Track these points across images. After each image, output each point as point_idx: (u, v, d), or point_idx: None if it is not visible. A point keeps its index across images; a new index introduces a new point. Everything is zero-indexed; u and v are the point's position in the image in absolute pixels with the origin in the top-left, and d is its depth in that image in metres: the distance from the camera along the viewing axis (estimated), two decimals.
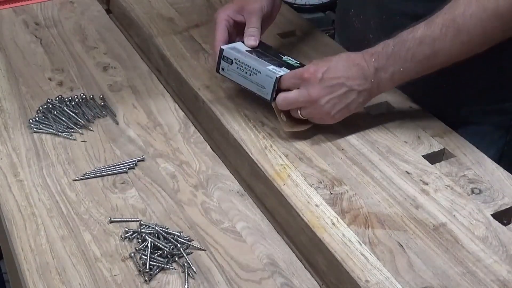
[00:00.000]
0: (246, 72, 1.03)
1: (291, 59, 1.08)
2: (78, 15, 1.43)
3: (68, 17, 1.42)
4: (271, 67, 1.02)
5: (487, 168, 0.96)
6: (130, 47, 1.33)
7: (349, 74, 0.95)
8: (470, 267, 0.80)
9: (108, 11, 1.48)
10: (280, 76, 1.00)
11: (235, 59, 1.04)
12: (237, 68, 1.04)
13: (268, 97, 1.01)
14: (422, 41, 0.91)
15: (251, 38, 1.07)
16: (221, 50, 1.05)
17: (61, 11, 1.44)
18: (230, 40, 1.07)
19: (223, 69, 1.06)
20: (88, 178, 0.98)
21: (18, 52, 1.30)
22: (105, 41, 1.34)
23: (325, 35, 1.32)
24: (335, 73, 0.95)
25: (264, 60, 1.04)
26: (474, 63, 1.05)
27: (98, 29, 1.38)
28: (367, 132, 1.03)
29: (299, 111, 0.98)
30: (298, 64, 1.06)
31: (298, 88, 0.97)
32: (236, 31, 1.09)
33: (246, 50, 1.06)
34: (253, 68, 1.02)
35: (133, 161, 1.01)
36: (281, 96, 0.98)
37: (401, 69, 0.93)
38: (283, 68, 1.02)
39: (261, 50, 1.08)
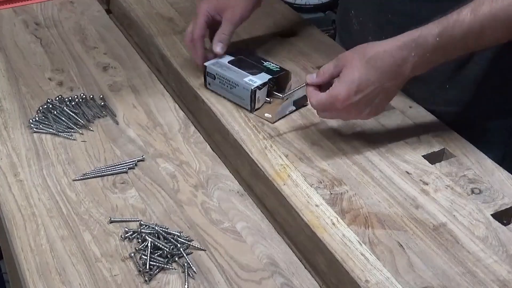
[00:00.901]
0: (227, 86, 1.08)
1: (272, 64, 1.11)
2: (78, 15, 1.43)
3: (68, 17, 1.42)
4: (248, 78, 1.06)
5: (487, 168, 0.96)
6: (130, 47, 1.33)
7: (383, 78, 0.89)
8: (470, 267, 0.80)
9: (108, 11, 1.48)
10: (256, 89, 1.04)
11: (216, 74, 1.09)
12: (220, 82, 1.09)
13: (249, 108, 1.06)
14: (468, 34, 0.85)
15: (219, 45, 1.09)
16: (205, 67, 1.10)
17: (61, 11, 1.44)
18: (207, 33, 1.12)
19: (209, 84, 1.11)
20: (88, 178, 0.98)
21: (18, 52, 1.30)
22: (105, 41, 1.34)
23: (325, 35, 1.32)
24: (367, 87, 0.89)
25: (244, 70, 1.08)
26: (478, 66, 1.04)
27: (98, 29, 1.38)
28: (367, 132, 1.03)
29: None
30: (278, 69, 1.10)
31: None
32: (213, 28, 1.11)
33: (229, 61, 1.11)
34: (232, 82, 1.07)
35: (133, 161, 1.01)
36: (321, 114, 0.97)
37: (442, 60, 0.89)
38: (262, 73, 1.07)
39: (244, 57, 1.12)
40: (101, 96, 1.15)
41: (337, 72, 0.92)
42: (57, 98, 1.13)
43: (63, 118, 1.09)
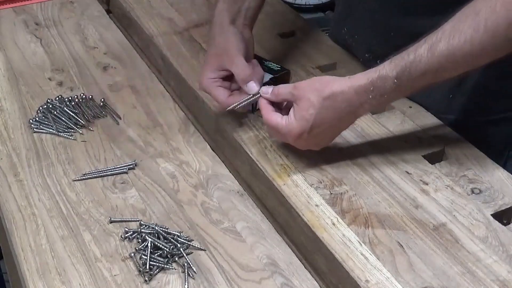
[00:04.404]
0: None
1: (273, 64, 1.11)
2: (78, 15, 1.43)
3: (68, 17, 1.42)
4: None
5: (487, 168, 0.96)
6: (130, 47, 1.33)
7: (337, 119, 0.89)
8: (470, 267, 0.80)
9: (108, 11, 1.48)
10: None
11: None
12: None
13: (250, 108, 1.05)
14: (426, 72, 0.83)
15: (251, 84, 0.97)
16: None
17: (61, 11, 1.44)
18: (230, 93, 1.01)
19: None
20: (88, 178, 0.98)
21: (18, 52, 1.30)
22: (105, 41, 1.34)
23: (325, 35, 1.32)
24: (321, 125, 0.89)
25: None
26: (481, 74, 1.04)
27: (98, 29, 1.38)
28: (367, 132, 1.03)
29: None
30: (278, 68, 1.10)
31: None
32: (230, 81, 1.01)
33: None
34: None
35: (127, 165, 1.00)
36: (267, 120, 0.93)
37: (400, 98, 0.89)
38: (263, 73, 1.05)
39: None
40: (102, 99, 1.14)
41: (291, 99, 0.91)
42: (57, 98, 1.13)
43: (63, 118, 1.09)
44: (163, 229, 0.88)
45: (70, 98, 1.13)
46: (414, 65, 0.83)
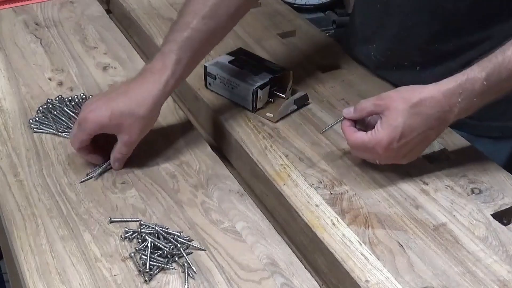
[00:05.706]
0: (228, 86, 1.08)
1: (273, 64, 1.12)
2: (78, 15, 1.43)
3: (68, 17, 1.42)
4: (249, 78, 1.07)
5: (487, 168, 0.96)
6: (130, 47, 1.33)
7: (427, 126, 0.87)
8: (470, 267, 0.80)
9: (108, 11, 1.48)
10: (257, 89, 1.04)
11: (217, 74, 1.09)
12: (221, 82, 1.09)
13: (250, 108, 1.07)
14: None
15: (117, 162, 0.98)
16: (205, 67, 1.11)
17: (61, 11, 1.44)
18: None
19: (209, 84, 1.12)
20: (92, 178, 0.98)
21: (18, 52, 1.30)
22: (105, 41, 1.34)
23: (325, 35, 1.32)
24: (410, 133, 0.86)
25: (245, 70, 1.08)
26: None
27: (98, 29, 1.38)
28: None
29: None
30: (278, 68, 1.10)
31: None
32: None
33: (229, 61, 1.11)
34: (233, 82, 1.07)
35: None
36: (351, 143, 0.91)
37: (487, 102, 0.87)
38: (263, 73, 1.07)
39: (244, 57, 1.12)
40: None
41: (377, 111, 0.89)
42: (57, 98, 1.13)
43: (63, 118, 1.09)
44: (163, 229, 0.88)
45: (70, 98, 1.13)
46: (504, 65, 0.83)
